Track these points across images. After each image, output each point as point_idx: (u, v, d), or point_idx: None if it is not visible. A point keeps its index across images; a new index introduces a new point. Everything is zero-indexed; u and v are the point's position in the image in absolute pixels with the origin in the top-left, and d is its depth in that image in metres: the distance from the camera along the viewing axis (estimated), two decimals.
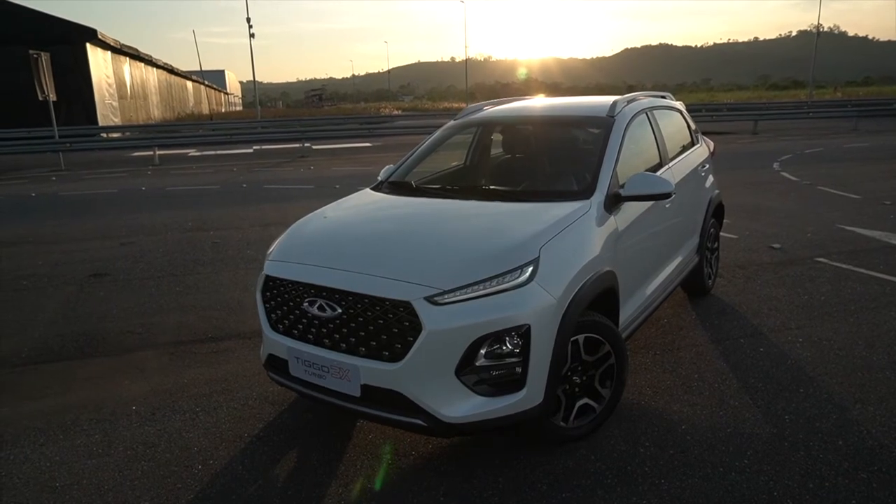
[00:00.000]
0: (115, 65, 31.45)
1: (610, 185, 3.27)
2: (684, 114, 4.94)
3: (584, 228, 2.99)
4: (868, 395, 3.37)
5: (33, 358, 4.29)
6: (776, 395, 3.40)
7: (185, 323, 4.88)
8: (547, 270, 2.66)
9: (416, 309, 2.47)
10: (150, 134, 21.02)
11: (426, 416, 2.52)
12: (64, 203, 11.14)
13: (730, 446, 2.92)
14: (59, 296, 5.65)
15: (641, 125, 3.96)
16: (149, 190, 12.39)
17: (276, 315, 2.93)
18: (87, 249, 7.39)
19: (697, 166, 4.67)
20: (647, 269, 3.74)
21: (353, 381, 2.61)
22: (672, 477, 2.71)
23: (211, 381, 3.83)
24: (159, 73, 42.16)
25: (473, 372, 2.53)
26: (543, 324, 2.59)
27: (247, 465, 2.93)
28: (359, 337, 2.60)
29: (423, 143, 4.31)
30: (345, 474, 2.82)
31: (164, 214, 9.52)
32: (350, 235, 3.14)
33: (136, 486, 2.79)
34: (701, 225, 4.74)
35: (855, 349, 3.96)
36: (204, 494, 2.72)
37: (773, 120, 24.83)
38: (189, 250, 7.18)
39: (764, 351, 3.99)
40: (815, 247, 6.50)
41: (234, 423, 3.33)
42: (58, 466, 2.97)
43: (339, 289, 2.65)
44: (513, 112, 4.38)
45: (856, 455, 2.82)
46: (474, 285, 2.53)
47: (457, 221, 3.14)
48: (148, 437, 3.21)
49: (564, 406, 2.91)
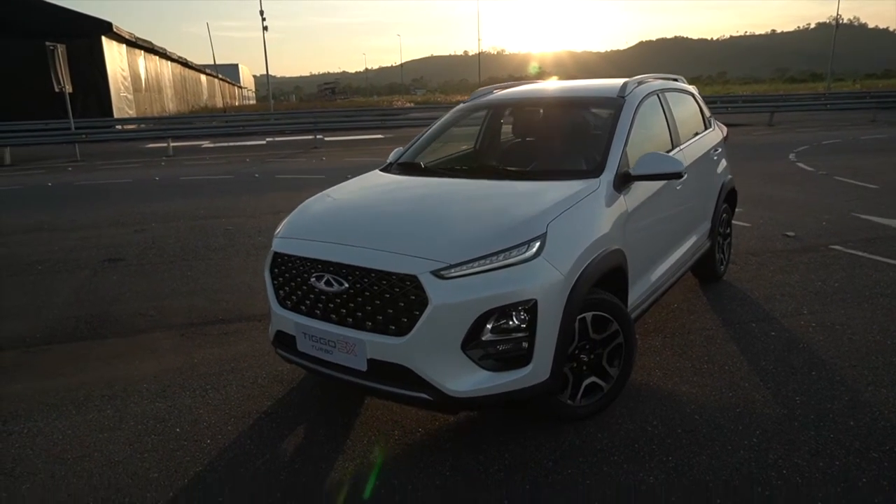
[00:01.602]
0: (130, 58, 31.69)
1: (620, 164, 3.24)
2: (697, 97, 4.89)
3: (593, 206, 2.97)
4: (881, 378, 3.33)
5: (47, 338, 4.35)
6: (787, 378, 3.36)
7: (196, 306, 4.92)
8: (554, 246, 2.64)
9: (423, 283, 2.47)
10: (164, 125, 21.13)
11: (432, 391, 2.53)
12: (79, 192, 11.26)
13: (739, 425, 2.90)
14: (74, 280, 5.72)
15: (652, 107, 3.92)
16: (162, 180, 12.49)
17: (283, 291, 2.95)
18: (102, 236, 7.47)
19: (710, 150, 4.62)
20: (658, 251, 3.71)
21: (359, 356, 2.62)
22: (679, 454, 2.69)
23: (221, 361, 3.86)
24: (174, 66, 42.41)
25: (479, 346, 2.52)
26: (550, 299, 2.58)
27: (255, 440, 2.95)
28: (365, 311, 2.61)
29: (433, 125, 4.30)
30: (351, 449, 2.84)
31: (178, 203, 9.59)
32: (358, 213, 3.15)
33: (145, 458, 2.83)
34: (713, 210, 4.70)
35: (869, 334, 3.91)
36: (212, 467, 2.74)
37: (790, 111, 24.48)
38: (201, 237, 7.24)
39: (776, 335, 3.95)
40: (829, 235, 6.41)
41: (243, 400, 3.35)
42: (70, 440, 3.01)
43: (345, 263, 2.65)
44: (523, 94, 4.35)
45: (867, 436, 2.78)
46: (481, 259, 2.52)
47: (464, 199, 3.13)
48: (158, 412, 3.25)
49: (572, 384, 2.90)
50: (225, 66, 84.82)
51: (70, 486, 2.64)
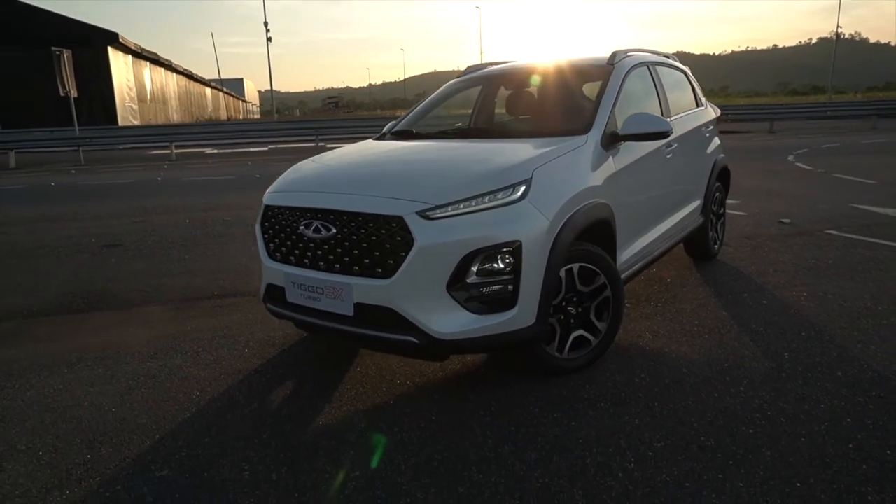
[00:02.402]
0: (135, 68, 32.04)
1: (608, 124, 3.28)
2: (689, 76, 4.93)
3: (580, 159, 3.01)
4: (870, 336, 3.33)
5: (44, 311, 4.38)
6: (777, 338, 3.37)
7: (192, 284, 4.95)
8: (539, 191, 2.67)
9: (408, 223, 2.50)
10: (167, 130, 21.28)
11: (418, 333, 2.54)
12: (81, 190, 11.35)
13: (726, 377, 2.91)
14: (73, 262, 5.76)
15: (642, 76, 3.97)
16: (164, 180, 12.59)
17: (274, 244, 2.98)
18: (102, 226, 7.53)
19: (701, 125, 4.65)
20: (647, 216, 3.73)
21: (346, 301, 2.64)
22: (665, 400, 2.70)
23: (214, 329, 3.88)
24: (179, 78, 42.85)
25: (464, 289, 2.55)
26: (535, 243, 2.60)
27: (244, 392, 2.97)
28: (352, 256, 2.63)
29: (428, 97, 4.36)
30: (338, 399, 2.85)
31: (178, 199, 9.66)
32: (347, 168, 3.19)
33: (134, 407, 2.84)
34: (705, 186, 4.72)
35: (860, 301, 3.91)
36: (200, 414, 2.76)
37: (791, 119, 24.57)
38: (200, 226, 7.29)
39: (767, 304, 3.96)
40: (825, 221, 6.42)
41: (234, 360, 3.37)
42: (60, 393, 3.03)
43: (333, 209, 2.69)
44: (515, 66, 4.41)
45: (854, 384, 2.79)
46: (466, 201, 2.55)
47: (453, 153, 3.18)
48: (149, 370, 3.27)
49: (559, 336, 2.92)
50: (230, 81, 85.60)
51: (58, 429, 2.66)
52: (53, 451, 2.48)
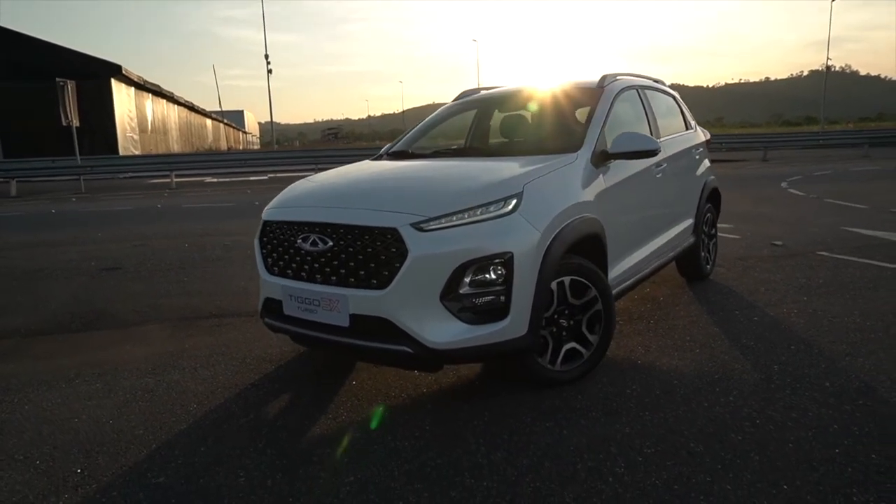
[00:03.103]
0: (137, 100, 32.49)
1: (597, 143, 3.38)
2: (678, 100, 5.07)
3: (570, 175, 3.10)
4: (859, 350, 3.38)
5: (44, 330, 4.41)
6: (767, 351, 3.42)
7: (190, 304, 5.00)
8: (530, 205, 2.76)
9: (403, 235, 2.57)
10: (168, 160, 21.49)
11: (412, 342, 2.59)
12: (81, 217, 11.45)
13: (716, 388, 2.95)
14: (72, 284, 5.81)
15: (631, 99, 4.09)
16: (164, 207, 12.70)
17: (272, 258, 3.04)
18: (101, 250, 7.59)
19: (691, 147, 4.77)
20: (638, 232, 3.81)
21: (342, 312, 2.70)
22: (656, 410, 2.74)
23: (211, 346, 3.92)
24: (180, 109, 43.40)
25: (457, 299, 2.61)
26: (526, 254, 2.67)
27: (240, 405, 3.00)
28: (348, 268, 2.70)
29: (424, 120, 4.47)
30: (334, 410, 2.88)
31: (178, 225, 9.75)
32: (344, 183, 3.28)
33: (132, 419, 2.87)
34: (696, 207, 4.82)
35: (849, 317, 3.97)
36: (197, 425, 2.79)
37: (784, 148, 24.92)
38: (199, 250, 7.35)
39: (758, 320, 4.01)
40: (817, 243, 6.51)
41: (231, 375, 3.40)
42: (58, 406, 3.06)
43: (330, 222, 2.76)
44: (509, 90, 4.54)
45: (841, 394, 2.83)
46: (459, 213, 2.63)
47: (447, 170, 3.26)
48: (147, 385, 3.30)
49: (552, 348, 2.97)
50: (231, 113, 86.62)
51: (56, 440, 2.68)
52: (50, 461, 2.50)
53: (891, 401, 2.73)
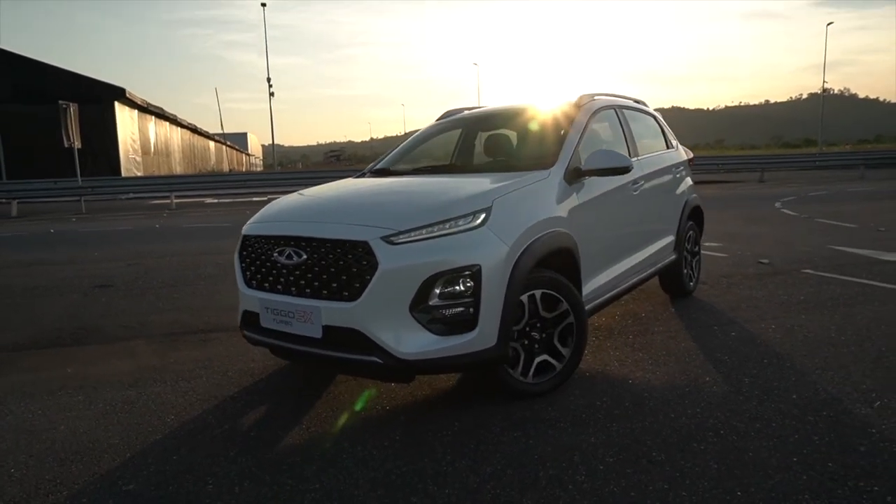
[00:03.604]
0: (140, 122, 32.86)
1: (571, 160, 3.47)
2: (659, 120, 5.18)
3: (541, 191, 3.18)
4: (830, 364, 3.43)
5: (32, 345, 4.47)
6: (739, 365, 3.46)
7: (178, 320, 5.06)
8: (499, 219, 2.83)
9: (373, 247, 2.64)
10: (168, 181, 21.69)
11: (382, 353, 2.65)
12: (80, 237, 11.56)
13: (685, 400, 2.99)
14: (64, 301, 5.88)
15: (609, 118, 4.19)
16: (162, 228, 12.82)
17: (250, 272, 3.12)
18: (96, 269, 7.67)
19: (671, 165, 4.86)
20: (613, 248, 3.88)
21: (315, 323, 2.76)
22: (623, 421, 2.78)
23: (195, 360, 3.97)
24: (183, 132, 43.83)
25: (427, 311, 2.67)
26: (495, 267, 2.74)
27: (217, 416, 3.05)
28: (321, 280, 2.77)
29: (408, 139, 4.58)
30: (308, 421, 2.93)
31: (174, 245, 9.84)
32: (322, 199, 3.36)
33: (109, 429, 2.92)
34: (677, 224, 4.89)
35: (825, 332, 4.01)
36: (172, 435, 2.84)
37: (780, 170, 25.06)
38: (191, 269, 7.43)
39: (735, 335, 4.06)
40: (802, 261, 6.57)
41: (211, 388, 3.45)
42: (38, 417, 3.11)
43: (304, 236, 2.84)
44: (491, 110, 4.66)
45: (807, 405, 2.87)
46: (429, 227, 2.71)
47: (422, 185, 3.35)
48: (128, 397, 3.35)
49: (524, 360, 3.02)
50: (234, 135, 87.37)
51: (32, 449, 2.73)
52: (25, 469, 2.55)
53: (854, 412, 2.78)
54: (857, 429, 2.60)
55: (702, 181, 22.41)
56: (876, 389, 3.02)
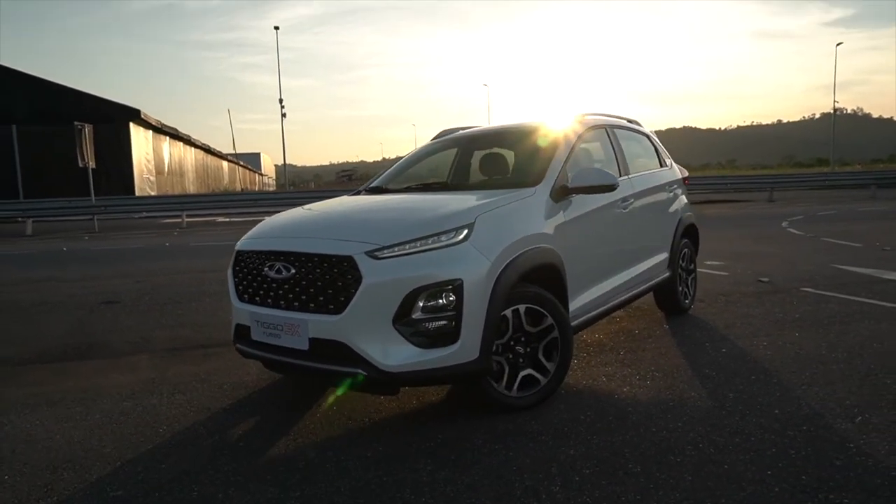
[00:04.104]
0: (155, 143, 33.45)
1: (558, 178, 3.55)
2: (653, 139, 5.25)
3: (526, 208, 3.26)
4: (816, 380, 3.44)
5: (36, 359, 4.58)
6: (726, 381, 3.48)
7: (180, 335, 5.16)
8: (482, 235, 2.91)
9: (357, 262, 2.73)
10: (179, 200, 22.03)
11: (366, 365, 2.72)
12: (91, 255, 11.77)
13: (668, 414, 3.02)
14: (71, 317, 6.00)
15: (599, 137, 4.28)
16: (172, 246, 13.02)
17: (242, 286, 3.21)
18: (104, 286, 7.81)
19: (664, 184, 4.92)
20: (602, 265, 3.93)
21: (302, 336, 2.84)
22: (605, 434, 2.81)
23: (193, 374, 4.06)
24: (196, 152, 44.50)
25: (410, 324, 2.74)
26: (476, 282, 2.81)
27: (208, 427, 3.12)
28: (309, 294, 2.85)
29: (403, 158, 4.68)
30: (296, 433, 2.99)
31: (182, 262, 10.00)
32: (313, 216, 3.46)
33: (102, 438, 3.00)
34: (670, 241, 4.93)
35: (816, 350, 4.02)
36: (163, 445, 2.91)
37: (790, 189, 24.97)
38: (197, 285, 7.55)
39: (726, 352, 4.08)
40: (803, 280, 6.56)
41: (205, 400, 3.53)
42: (37, 427, 3.20)
43: (292, 251, 2.93)
44: (485, 129, 4.76)
45: (788, 420, 2.89)
46: (412, 242, 2.79)
47: (410, 202, 3.44)
48: (124, 409, 3.43)
49: (508, 374, 3.07)
50: (247, 155, 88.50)
51: (27, 457, 2.81)
52: (19, 476, 2.63)
53: (834, 427, 2.79)
54: (835, 443, 2.62)
55: (710, 201, 22.43)
56: (859, 405, 3.03)
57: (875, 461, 2.44)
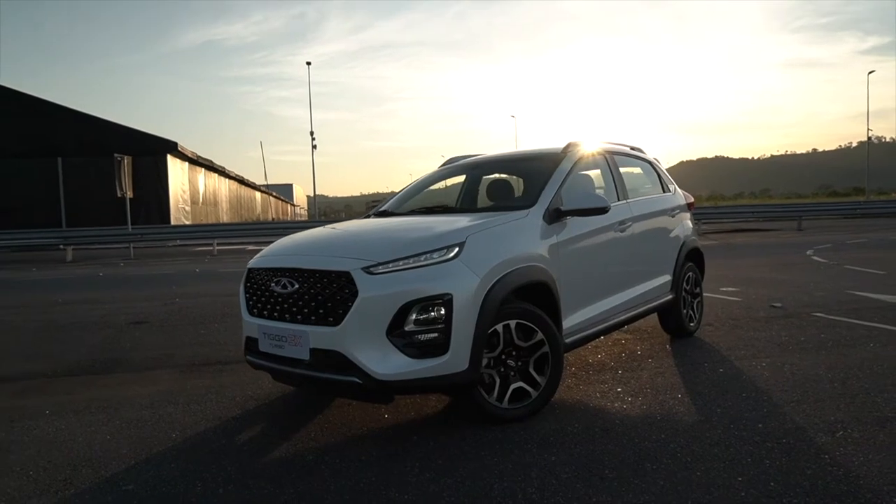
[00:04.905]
0: (191, 174, 34.59)
1: (552, 201, 3.73)
2: (656, 165, 5.40)
3: (517, 229, 3.44)
4: (807, 398, 3.50)
5: (66, 373, 4.87)
6: (716, 398, 3.56)
7: (201, 353, 5.41)
8: (472, 253, 3.09)
9: (354, 277, 2.93)
10: (211, 229, 22.71)
11: (361, 374, 2.90)
12: (125, 280, 12.26)
13: (653, 427, 3.12)
14: (100, 336, 6.33)
15: (597, 163, 4.45)
16: (201, 271, 13.46)
17: (252, 301, 3.44)
18: (134, 307, 8.18)
19: (666, 209, 5.05)
20: (599, 286, 4.06)
21: (303, 346, 3.04)
22: (589, 444, 2.93)
23: (209, 387, 4.29)
24: (230, 182, 45.78)
25: (402, 335, 2.92)
26: (465, 297, 2.98)
27: (217, 433, 3.32)
28: (310, 307, 3.06)
29: (412, 183, 4.92)
30: (297, 439, 3.18)
31: (210, 287, 10.37)
32: (319, 236, 3.69)
33: (120, 441, 3.23)
34: (673, 264, 5.04)
35: (813, 370, 4.07)
36: (174, 447, 3.12)
37: (821, 218, 24.57)
38: (220, 308, 7.86)
39: (723, 372, 4.15)
40: (816, 305, 6.55)
41: (217, 410, 3.74)
42: (61, 431, 3.45)
43: (296, 268, 3.16)
44: (490, 157, 4.99)
45: (770, 433, 2.97)
46: (405, 259, 2.99)
47: (408, 223, 3.65)
48: (142, 416, 3.67)
49: (499, 386, 3.22)
50: (280, 186, 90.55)
51: (51, 456, 3.05)
52: (42, 472, 2.86)
53: (814, 440, 2.86)
54: (811, 455, 2.69)
55: (737, 230, 22.25)
56: (843, 421, 3.09)
57: (846, 471, 2.52)
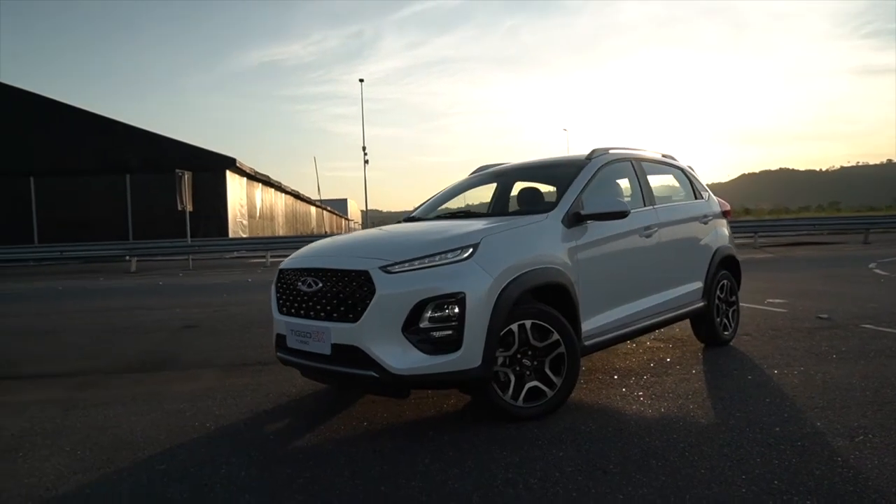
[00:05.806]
0: (248, 189, 35.92)
1: (572, 206, 3.80)
2: (688, 172, 5.37)
3: (534, 232, 3.53)
4: (833, 405, 3.42)
5: (120, 370, 5.21)
6: (738, 403, 3.53)
7: (243, 354, 5.69)
8: (487, 254, 3.20)
9: (372, 276, 3.09)
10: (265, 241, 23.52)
11: (378, 368, 3.05)
12: (183, 288, 12.88)
13: (666, 428, 3.13)
14: (153, 338, 6.72)
15: (622, 170, 4.49)
16: (253, 281, 13.99)
17: (281, 300, 3.65)
18: (187, 313, 8.62)
19: (697, 215, 5.01)
20: (622, 290, 4.09)
21: (325, 342, 3.21)
22: (599, 442, 2.97)
23: (246, 384, 4.52)
24: (286, 198, 47.23)
25: (417, 332, 3.05)
26: (479, 295, 3.09)
27: (248, 424, 3.53)
28: (332, 305, 3.24)
29: (444, 190, 5.08)
30: (320, 432, 3.34)
31: (260, 295, 10.77)
32: (346, 240, 3.88)
33: (159, 429, 3.47)
34: (704, 271, 4.99)
35: (846, 380, 3.96)
36: (207, 435, 3.34)
37: (890, 231, 23.38)
38: (267, 314, 8.02)
39: (751, 379, 4.09)
40: (866, 317, 6.31)
41: (252, 405, 3.96)
42: (109, 419, 3.73)
43: (320, 268, 3.34)
44: (518, 164, 5.09)
45: (785, 437, 2.93)
46: (421, 259, 3.13)
47: (430, 227, 3.79)
48: (182, 408, 3.92)
49: (514, 385, 3.30)
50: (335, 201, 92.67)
51: (97, 440, 3.32)
52: (88, 452, 3.13)
53: (831, 444, 2.82)
54: (823, 457, 2.66)
55: (797, 243, 21.42)
56: (866, 427, 3.02)
57: (856, 472, 2.48)
